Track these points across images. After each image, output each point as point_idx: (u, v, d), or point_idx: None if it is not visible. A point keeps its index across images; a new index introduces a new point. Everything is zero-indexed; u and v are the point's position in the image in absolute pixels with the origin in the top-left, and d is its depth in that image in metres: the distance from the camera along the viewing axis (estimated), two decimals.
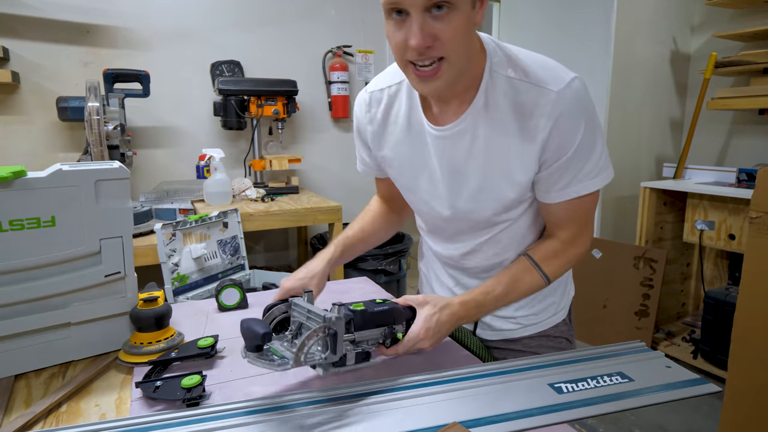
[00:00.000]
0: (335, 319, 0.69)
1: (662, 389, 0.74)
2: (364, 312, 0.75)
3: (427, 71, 0.72)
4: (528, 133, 0.78)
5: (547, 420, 0.66)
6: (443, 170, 0.86)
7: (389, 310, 0.78)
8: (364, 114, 0.94)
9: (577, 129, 0.76)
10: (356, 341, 0.75)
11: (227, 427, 0.63)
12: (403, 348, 0.79)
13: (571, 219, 0.86)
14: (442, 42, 0.70)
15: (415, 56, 0.71)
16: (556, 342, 1.01)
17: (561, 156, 0.78)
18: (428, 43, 0.69)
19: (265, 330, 0.66)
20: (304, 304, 0.74)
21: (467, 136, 0.82)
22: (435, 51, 0.71)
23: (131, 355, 0.83)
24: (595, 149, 0.79)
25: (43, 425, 0.67)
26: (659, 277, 2.50)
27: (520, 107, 0.78)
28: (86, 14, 2.30)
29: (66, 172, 0.78)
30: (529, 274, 0.88)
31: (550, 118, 0.75)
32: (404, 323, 0.81)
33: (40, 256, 0.77)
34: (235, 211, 1.43)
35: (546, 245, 0.90)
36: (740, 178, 2.47)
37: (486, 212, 0.87)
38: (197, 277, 1.30)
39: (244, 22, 2.66)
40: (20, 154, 2.24)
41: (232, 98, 2.46)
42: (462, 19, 0.70)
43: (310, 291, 0.78)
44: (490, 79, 0.79)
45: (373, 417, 0.66)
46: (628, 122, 2.95)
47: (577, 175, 0.80)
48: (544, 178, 0.82)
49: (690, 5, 3.03)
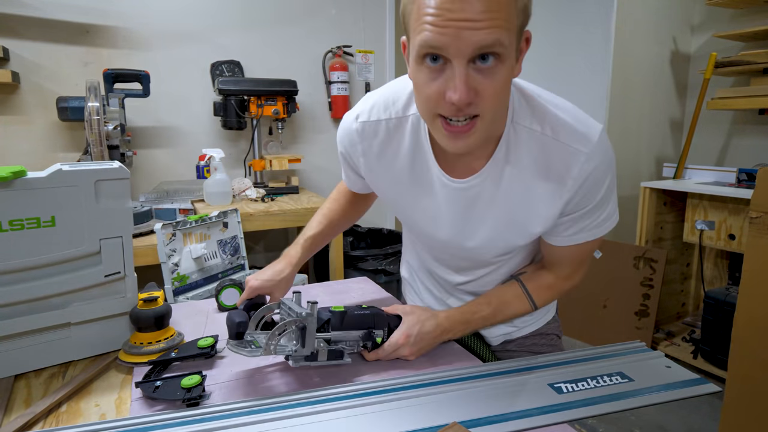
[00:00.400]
0: (305, 314, 0.73)
1: (662, 389, 0.74)
2: (342, 313, 0.80)
3: (460, 127, 0.64)
4: (552, 193, 0.74)
5: (547, 420, 0.66)
6: (454, 217, 0.82)
7: (369, 315, 0.82)
8: (355, 145, 0.85)
9: (601, 186, 0.73)
10: (332, 341, 0.79)
11: (227, 427, 0.63)
12: (383, 353, 0.80)
13: (573, 259, 0.85)
14: (482, 98, 0.62)
15: (452, 112, 0.63)
16: (549, 339, 1.01)
17: (580, 209, 0.75)
18: (470, 100, 0.61)
19: (240, 319, 0.76)
20: (290, 303, 0.79)
21: (486, 190, 0.77)
22: (473, 108, 0.62)
23: (131, 355, 0.83)
24: (611, 201, 0.76)
25: (43, 425, 0.67)
26: (659, 277, 2.50)
27: (545, 166, 0.73)
28: (86, 14, 2.30)
29: (66, 172, 0.78)
30: (519, 300, 0.88)
31: (577, 179, 0.71)
32: (386, 329, 0.83)
33: (40, 256, 0.77)
34: (235, 211, 1.43)
35: (541, 277, 0.88)
36: (740, 178, 2.47)
37: (491, 254, 0.86)
38: (197, 277, 1.30)
39: (244, 22, 2.66)
40: (20, 154, 2.24)
41: (232, 98, 2.46)
42: (506, 73, 0.62)
43: (298, 292, 0.81)
44: (512, 131, 0.73)
45: (374, 417, 0.66)
46: (628, 122, 2.95)
47: (589, 225, 0.77)
48: (556, 225, 0.79)
49: (690, 5, 3.03)
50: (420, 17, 0.60)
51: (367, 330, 0.81)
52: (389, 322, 0.84)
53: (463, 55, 0.59)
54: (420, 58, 0.62)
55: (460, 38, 0.58)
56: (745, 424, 1.50)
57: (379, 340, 0.81)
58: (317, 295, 1.15)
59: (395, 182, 0.85)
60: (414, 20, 0.61)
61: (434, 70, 0.62)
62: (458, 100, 0.60)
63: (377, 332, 0.82)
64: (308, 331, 0.74)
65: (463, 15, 0.57)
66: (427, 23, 0.59)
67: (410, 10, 0.62)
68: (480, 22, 0.57)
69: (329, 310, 0.80)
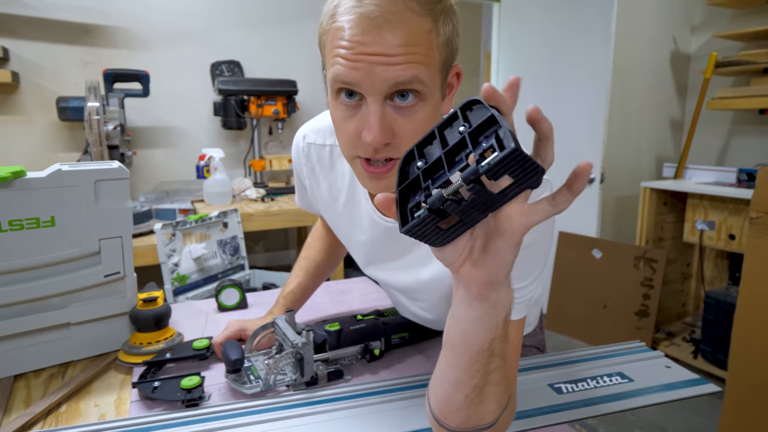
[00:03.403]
0: (302, 344, 0.73)
1: (662, 389, 0.74)
2: (338, 332, 0.80)
3: (378, 168, 0.59)
4: None
5: (547, 420, 0.66)
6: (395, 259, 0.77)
7: (365, 328, 0.82)
8: (302, 164, 0.81)
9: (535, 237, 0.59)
10: (330, 360, 0.79)
11: (227, 428, 0.64)
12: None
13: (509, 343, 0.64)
14: (400, 139, 0.57)
15: (369, 153, 0.58)
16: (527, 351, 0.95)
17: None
18: (387, 140, 0.56)
19: (236, 356, 0.74)
20: (283, 324, 0.78)
21: None
22: (390, 149, 0.57)
23: (131, 355, 0.83)
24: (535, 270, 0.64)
25: (43, 425, 0.67)
26: (659, 277, 2.50)
27: None
28: (86, 14, 2.30)
29: (65, 172, 0.78)
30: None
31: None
32: (383, 339, 0.84)
33: (39, 256, 0.77)
34: (235, 211, 1.43)
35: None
36: (740, 178, 2.47)
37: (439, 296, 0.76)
38: (197, 277, 1.30)
39: (244, 22, 2.66)
40: (20, 154, 2.24)
41: (232, 98, 2.46)
42: (429, 111, 0.57)
43: (291, 310, 0.81)
44: None
45: (374, 417, 0.66)
46: (628, 122, 2.95)
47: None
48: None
49: (690, 5, 3.03)
50: (333, 50, 0.56)
51: (364, 344, 0.82)
52: (386, 330, 0.85)
53: (377, 91, 0.55)
54: (335, 92, 0.59)
55: (374, 74, 0.54)
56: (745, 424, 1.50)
57: (377, 352, 0.82)
58: (317, 296, 1.15)
59: (333, 213, 0.81)
60: (328, 52, 0.58)
61: (350, 106, 0.58)
62: (372, 141, 0.56)
63: (374, 344, 0.82)
64: (306, 360, 0.73)
65: (377, 49, 0.53)
66: (339, 56, 0.55)
67: (324, 42, 0.59)
68: (395, 57, 0.53)
69: (324, 329, 0.80)
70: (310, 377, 0.74)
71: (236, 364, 0.74)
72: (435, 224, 0.41)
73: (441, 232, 0.43)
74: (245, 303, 1.10)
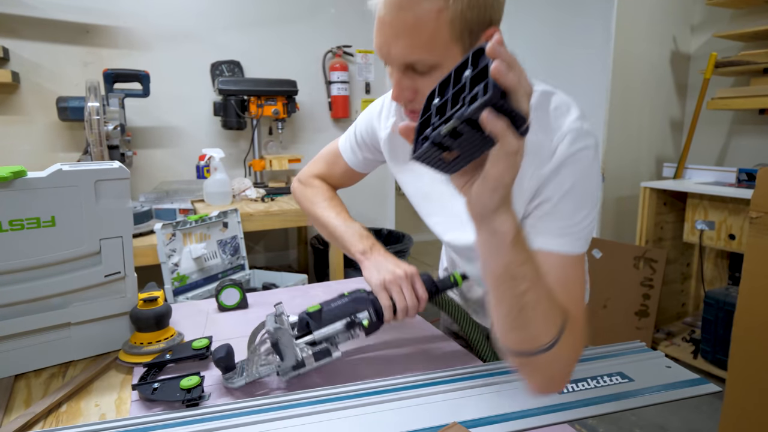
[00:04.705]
0: (274, 329, 0.73)
1: (662, 389, 0.74)
2: (318, 312, 0.78)
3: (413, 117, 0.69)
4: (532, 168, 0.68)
5: (547, 420, 0.66)
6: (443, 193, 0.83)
7: (347, 302, 0.79)
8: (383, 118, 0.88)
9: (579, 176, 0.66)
10: (317, 341, 0.77)
11: (227, 427, 0.63)
12: (386, 313, 0.76)
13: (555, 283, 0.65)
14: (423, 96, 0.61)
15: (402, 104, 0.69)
16: None
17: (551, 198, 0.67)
18: (409, 98, 0.65)
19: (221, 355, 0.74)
20: (269, 318, 0.78)
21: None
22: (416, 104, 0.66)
23: (131, 355, 0.83)
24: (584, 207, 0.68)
25: (43, 425, 0.67)
26: (659, 277, 2.50)
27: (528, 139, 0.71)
28: (86, 14, 2.30)
29: (66, 172, 0.78)
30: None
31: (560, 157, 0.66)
32: (371, 309, 0.78)
33: (40, 256, 0.77)
34: (235, 211, 1.43)
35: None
36: (740, 178, 2.47)
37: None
38: (197, 277, 1.30)
39: (244, 22, 2.66)
40: (20, 154, 2.24)
41: (232, 98, 2.47)
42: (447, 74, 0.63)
43: (279, 303, 0.80)
44: None
45: (374, 417, 0.66)
46: (628, 122, 2.95)
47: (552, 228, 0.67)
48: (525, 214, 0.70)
49: (690, 5, 3.03)
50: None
51: (350, 318, 0.78)
52: (372, 302, 0.79)
53: (394, 62, 0.63)
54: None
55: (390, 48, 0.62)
56: (745, 424, 1.50)
57: (365, 323, 0.78)
58: (317, 296, 1.15)
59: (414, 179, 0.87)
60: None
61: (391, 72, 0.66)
62: (393, 98, 0.65)
63: (361, 316, 0.78)
64: (282, 343, 0.72)
65: (391, 29, 0.61)
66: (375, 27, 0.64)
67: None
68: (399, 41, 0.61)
69: (306, 313, 0.78)
70: (294, 361, 0.73)
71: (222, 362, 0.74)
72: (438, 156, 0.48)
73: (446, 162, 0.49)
74: (245, 303, 1.10)
